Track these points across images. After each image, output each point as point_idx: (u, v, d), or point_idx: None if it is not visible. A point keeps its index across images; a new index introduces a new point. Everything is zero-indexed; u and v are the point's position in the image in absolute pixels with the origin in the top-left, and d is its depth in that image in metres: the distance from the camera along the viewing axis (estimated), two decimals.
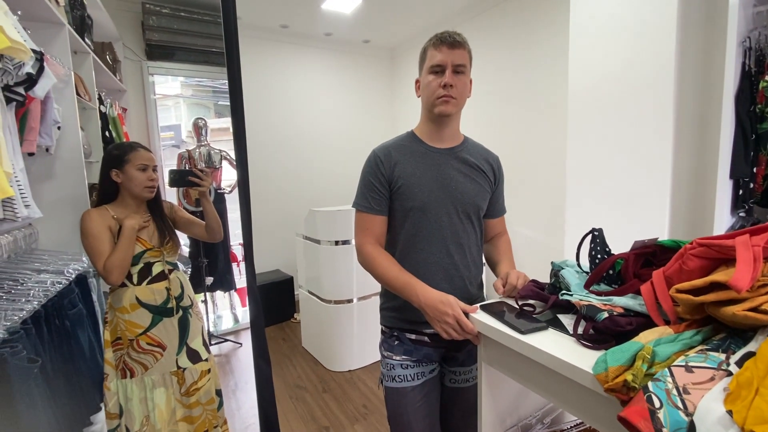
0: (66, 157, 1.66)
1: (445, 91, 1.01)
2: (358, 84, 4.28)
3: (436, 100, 1.03)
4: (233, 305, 3.62)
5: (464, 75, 1.04)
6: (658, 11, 1.61)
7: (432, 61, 1.02)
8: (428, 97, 1.05)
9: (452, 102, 1.03)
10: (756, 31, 1.59)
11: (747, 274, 0.52)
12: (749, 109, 1.57)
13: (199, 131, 3.25)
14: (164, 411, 1.48)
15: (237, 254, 3.81)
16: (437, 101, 1.03)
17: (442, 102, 1.03)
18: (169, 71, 3.40)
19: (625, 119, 1.76)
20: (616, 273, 0.85)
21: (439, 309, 0.89)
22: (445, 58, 1.00)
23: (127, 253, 1.37)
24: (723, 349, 0.54)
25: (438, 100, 1.03)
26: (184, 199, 3.15)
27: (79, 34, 1.97)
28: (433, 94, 1.03)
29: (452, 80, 1.01)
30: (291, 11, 3.27)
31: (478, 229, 1.14)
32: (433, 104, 1.04)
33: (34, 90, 1.26)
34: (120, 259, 1.35)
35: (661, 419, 0.47)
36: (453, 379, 1.17)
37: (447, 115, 1.05)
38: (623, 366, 0.55)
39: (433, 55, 1.02)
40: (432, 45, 1.03)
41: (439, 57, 1.01)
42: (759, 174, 1.61)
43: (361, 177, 1.11)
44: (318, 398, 2.37)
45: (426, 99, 1.06)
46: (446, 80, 1.01)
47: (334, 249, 2.63)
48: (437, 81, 1.02)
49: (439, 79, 1.02)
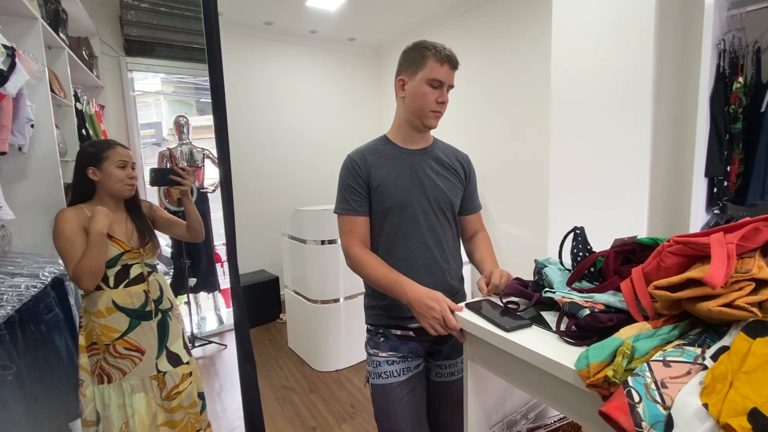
0: (40, 156, 1.60)
1: (439, 107, 1.08)
2: (344, 82, 4.26)
3: (429, 113, 1.08)
4: (217, 306, 3.57)
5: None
6: (636, 14, 1.65)
7: (433, 75, 1.04)
8: (421, 107, 1.07)
9: (440, 117, 1.11)
10: (730, 33, 1.64)
11: (721, 271, 0.54)
12: (723, 110, 1.63)
13: (181, 129, 3.18)
14: (144, 416, 1.44)
15: (221, 254, 3.76)
16: (430, 114, 1.08)
17: (435, 116, 1.09)
18: (149, 67, 3.30)
19: (605, 119, 1.80)
20: (597, 270, 0.86)
21: (427, 305, 0.93)
22: (446, 76, 1.05)
23: (97, 259, 1.30)
24: (699, 343, 0.56)
25: (431, 113, 1.08)
26: (166, 198, 3.08)
27: (53, 28, 1.90)
28: (428, 107, 1.07)
29: (447, 99, 1.08)
30: (275, 8, 3.23)
31: (453, 224, 1.18)
32: (424, 115, 1.09)
33: (6, 87, 1.21)
34: (88, 266, 1.28)
35: (640, 413, 0.48)
36: (439, 373, 1.19)
37: (433, 127, 1.12)
38: (604, 362, 0.57)
39: (435, 68, 1.04)
40: (436, 58, 1.04)
41: (441, 73, 1.04)
42: (732, 172, 1.67)
43: (339, 182, 1.14)
44: (305, 399, 2.36)
45: (416, 107, 1.08)
46: (445, 98, 1.07)
47: (321, 249, 2.61)
48: (434, 95, 1.06)
49: (436, 93, 1.06)
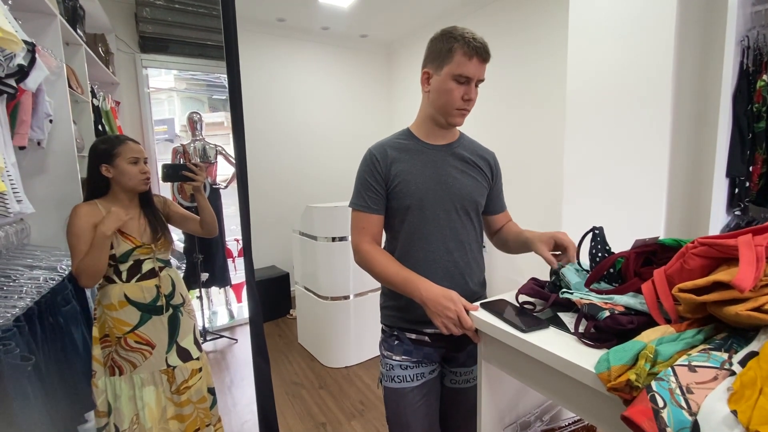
0: (58, 151, 1.63)
1: (465, 105, 1.01)
2: (355, 79, 4.25)
3: (454, 111, 1.01)
4: (228, 301, 3.61)
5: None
6: (656, 10, 1.61)
7: (460, 70, 0.96)
8: (446, 104, 1.01)
9: (466, 115, 1.04)
10: (754, 30, 1.59)
11: (750, 274, 0.52)
12: (746, 109, 1.58)
13: (194, 125, 3.22)
14: (154, 409, 1.46)
15: (232, 250, 3.79)
16: (455, 112, 1.02)
17: (460, 114, 1.02)
18: (163, 64, 3.34)
19: (622, 117, 1.76)
20: (616, 271, 0.85)
21: (442, 303, 0.89)
22: (474, 71, 0.97)
23: (97, 260, 1.29)
24: (725, 348, 0.54)
25: (456, 111, 1.01)
26: (179, 194, 3.12)
27: (71, 25, 1.93)
28: (453, 104, 1.00)
29: (474, 94, 1.00)
30: (288, 4, 3.23)
31: (477, 226, 1.12)
32: (449, 113, 1.02)
33: (26, 82, 1.23)
34: (88, 265, 1.28)
35: (665, 419, 0.47)
36: (453, 380, 1.16)
37: (458, 125, 1.06)
38: (626, 365, 0.55)
39: (462, 62, 0.96)
40: (463, 51, 0.96)
41: (470, 69, 0.97)
42: (755, 173, 1.62)
43: (357, 176, 1.08)
44: (314, 395, 2.37)
45: (441, 104, 1.02)
46: (472, 96, 1.00)
47: (331, 245, 2.62)
48: (459, 91, 0.99)
49: (462, 89, 0.99)
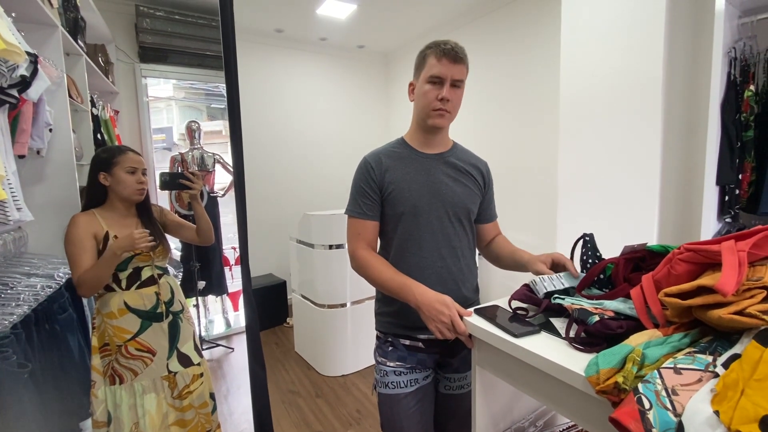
0: (57, 160, 1.65)
1: (441, 104, 1.02)
2: (353, 89, 4.30)
3: (431, 112, 1.04)
4: (225, 309, 3.59)
5: (460, 89, 1.05)
6: (647, 21, 1.65)
7: (431, 72, 1.01)
8: (423, 106, 1.05)
9: (446, 116, 1.05)
10: (741, 41, 1.64)
11: (732, 279, 0.54)
12: (735, 118, 1.62)
13: (192, 134, 3.24)
14: (155, 416, 1.46)
15: (229, 258, 3.79)
16: (432, 113, 1.04)
17: (437, 115, 1.04)
18: (162, 74, 3.38)
19: (615, 126, 1.80)
20: (606, 277, 0.87)
21: (436, 308, 0.90)
22: (445, 71, 1.00)
23: (102, 274, 1.31)
24: (710, 351, 0.55)
25: (433, 112, 1.04)
26: (177, 202, 3.12)
27: (72, 36, 1.96)
28: (429, 106, 1.03)
29: (449, 95, 1.02)
30: (286, 15, 3.28)
31: (470, 233, 1.14)
32: (427, 115, 1.05)
33: (28, 92, 1.25)
34: (92, 278, 1.30)
35: (650, 420, 0.48)
36: (447, 386, 1.17)
37: (440, 127, 1.08)
38: (614, 368, 0.57)
39: (433, 65, 1.01)
40: (433, 54, 1.01)
41: (439, 69, 1.00)
42: (744, 181, 1.66)
43: (352, 184, 1.12)
44: (311, 403, 2.36)
45: (420, 108, 1.06)
46: (444, 94, 1.01)
47: (328, 253, 2.63)
48: (434, 92, 1.02)
49: (437, 90, 1.02)
